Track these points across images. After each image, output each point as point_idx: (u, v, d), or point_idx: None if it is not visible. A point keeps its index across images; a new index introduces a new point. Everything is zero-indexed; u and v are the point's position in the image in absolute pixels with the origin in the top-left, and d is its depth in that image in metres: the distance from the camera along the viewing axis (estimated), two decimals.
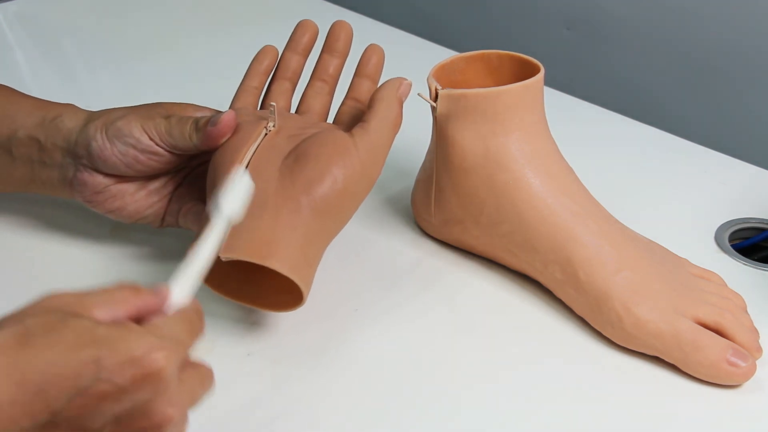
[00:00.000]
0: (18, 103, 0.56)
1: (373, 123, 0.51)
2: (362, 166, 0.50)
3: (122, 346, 0.34)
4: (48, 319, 0.34)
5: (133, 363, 0.33)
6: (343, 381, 0.50)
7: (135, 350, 0.34)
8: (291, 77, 0.59)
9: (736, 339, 0.50)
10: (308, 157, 0.49)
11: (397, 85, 0.53)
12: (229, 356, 0.51)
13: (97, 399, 0.33)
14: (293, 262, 0.47)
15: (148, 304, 0.37)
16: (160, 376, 0.34)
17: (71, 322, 0.34)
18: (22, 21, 0.96)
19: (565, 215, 0.53)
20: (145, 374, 0.34)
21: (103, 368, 0.33)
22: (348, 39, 0.59)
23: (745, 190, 0.68)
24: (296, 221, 0.48)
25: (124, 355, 0.33)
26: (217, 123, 0.51)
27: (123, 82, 0.84)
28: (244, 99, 0.57)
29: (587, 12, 1.03)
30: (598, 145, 0.74)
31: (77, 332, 0.33)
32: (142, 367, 0.34)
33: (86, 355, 0.33)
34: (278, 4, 1.01)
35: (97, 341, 0.33)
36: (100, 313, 0.35)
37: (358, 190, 0.51)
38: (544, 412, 0.48)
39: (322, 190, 0.48)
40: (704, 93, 0.97)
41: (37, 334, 0.33)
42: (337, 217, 0.50)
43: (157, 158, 0.53)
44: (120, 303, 0.36)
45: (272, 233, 0.47)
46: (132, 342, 0.34)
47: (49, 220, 0.61)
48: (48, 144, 0.53)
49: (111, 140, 0.52)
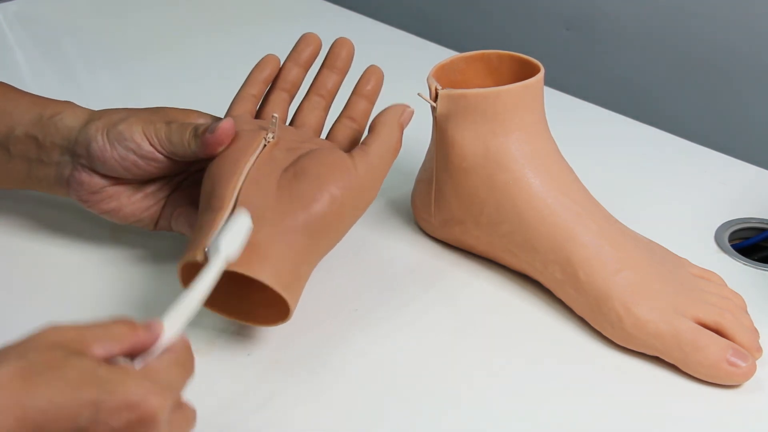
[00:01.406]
0: (15, 99, 0.55)
1: (373, 146, 0.52)
2: (360, 187, 0.50)
3: (121, 389, 0.35)
4: (51, 355, 0.35)
5: (129, 407, 0.35)
6: (343, 381, 0.50)
7: (132, 395, 0.35)
8: (290, 89, 0.59)
9: (736, 339, 0.50)
10: (308, 174, 0.50)
11: (400, 111, 0.54)
12: (229, 356, 0.51)
13: None
14: (285, 278, 0.47)
15: (141, 340, 0.38)
16: (154, 421, 0.35)
17: (73, 361, 0.35)
18: (22, 21, 0.96)
19: (565, 215, 0.53)
20: (141, 417, 0.35)
21: (102, 410, 0.34)
22: (349, 57, 0.59)
23: (745, 190, 0.68)
24: (292, 238, 0.48)
25: (122, 398, 0.35)
26: (215, 131, 0.50)
27: (123, 82, 0.84)
28: (242, 106, 0.56)
29: (587, 12, 1.03)
30: (598, 145, 0.74)
31: (79, 372, 0.35)
32: (138, 411, 0.35)
33: (86, 396, 0.34)
34: (278, 4, 1.01)
35: (97, 383, 0.35)
36: (98, 349, 0.37)
37: (354, 211, 0.51)
38: (544, 411, 0.48)
39: (319, 209, 0.49)
40: (704, 93, 0.97)
41: (40, 371, 0.34)
42: (331, 235, 0.50)
43: (156, 164, 0.53)
44: (117, 339, 0.37)
45: (267, 248, 0.47)
46: (130, 386, 0.35)
47: (46, 221, 0.61)
48: (46, 142, 0.53)
49: (112, 143, 0.52)
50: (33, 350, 0.35)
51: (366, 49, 0.68)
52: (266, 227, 0.47)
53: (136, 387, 0.35)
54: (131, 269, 0.57)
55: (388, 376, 0.50)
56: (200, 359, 0.50)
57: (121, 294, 0.55)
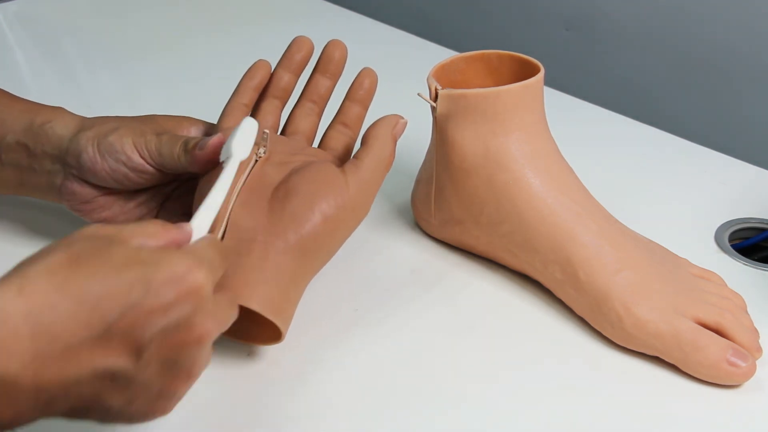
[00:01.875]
0: (8, 106, 0.55)
1: (366, 161, 0.51)
2: (352, 204, 0.50)
3: (165, 265, 0.37)
4: (96, 243, 0.37)
5: (176, 280, 0.36)
6: (343, 381, 0.50)
7: (177, 269, 0.37)
8: (281, 96, 0.58)
9: (736, 339, 0.50)
10: (298, 193, 0.49)
11: (393, 123, 0.53)
12: (229, 357, 0.51)
13: (146, 313, 0.36)
14: (276, 303, 0.47)
15: (174, 238, 0.40)
16: (200, 293, 0.37)
17: (117, 247, 0.37)
18: (22, 21, 0.96)
19: (565, 215, 0.53)
20: (188, 290, 0.37)
21: (150, 285, 0.36)
22: (342, 60, 0.59)
23: (745, 190, 0.68)
24: (283, 261, 0.48)
25: (168, 273, 0.36)
26: (204, 147, 0.50)
27: (123, 82, 0.84)
28: (233, 116, 0.55)
29: (586, 12, 1.03)
30: (598, 145, 0.74)
31: (124, 255, 0.36)
32: (185, 283, 0.37)
33: (134, 274, 0.36)
34: (278, 4, 1.01)
35: (143, 262, 0.36)
36: (136, 243, 0.38)
37: (347, 228, 0.51)
38: (544, 412, 0.48)
39: (311, 229, 0.48)
40: (704, 93, 0.97)
41: (87, 256, 0.36)
42: (322, 254, 0.50)
43: (146, 176, 0.52)
44: (152, 235, 0.39)
45: (258, 274, 0.47)
46: (174, 262, 0.37)
47: (42, 227, 0.60)
48: (37, 150, 0.53)
49: (102, 155, 0.51)
50: (77, 241, 0.37)
51: (366, 49, 0.68)
52: (257, 250, 0.47)
53: (179, 261, 0.37)
54: None
55: (388, 377, 0.50)
56: None
57: None
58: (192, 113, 0.58)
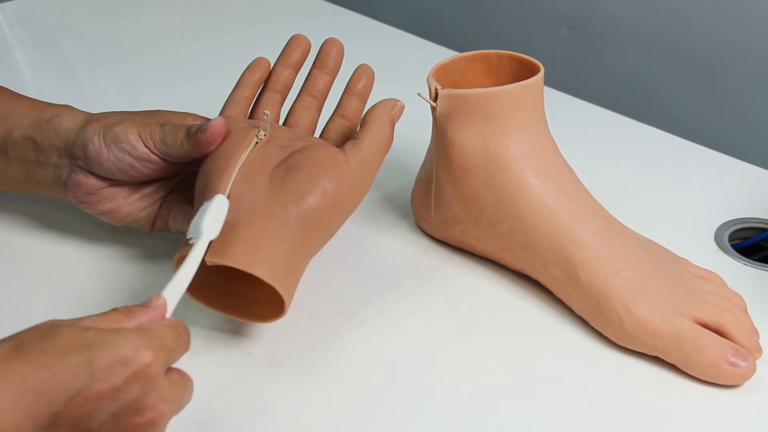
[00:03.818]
0: (14, 103, 0.56)
1: (365, 141, 0.52)
2: (353, 181, 0.51)
3: (110, 346, 0.36)
4: (39, 331, 0.36)
5: (123, 362, 0.36)
6: (342, 381, 0.50)
7: (123, 350, 0.36)
8: (281, 90, 0.59)
9: (736, 339, 0.50)
10: (300, 169, 0.50)
11: (390, 106, 0.54)
12: (229, 356, 0.51)
13: (93, 399, 0.35)
14: (278, 271, 0.47)
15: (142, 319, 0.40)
16: (148, 373, 0.36)
17: (61, 330, 0.36)
18: (22, 21, 0.96)
19: (565, 215, 0.53)
20: (136, 372, 0.36)
21: (96, 369, 0.35)
22: (339, 57, 0.60)
23: (745, 190, 0.68)
24: (284, 231, 0.48)
25: (114, 355, 0.36)
26: (206, 130, 0.51)
27: (123, 82, 0.84)
28: (234, 108, 0.57)
29: (587, 12, 1.03)
30: (598, 145, 0.74)
31: (69, 339, 0.36)
32: (132, 365, 0.36)
33: (79, 358, 0.35)
34: (278, 4, 1.01)
35: (88, 345, 0.35)
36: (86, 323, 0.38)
37: (347, 205, 0.51)
38: (543, 411, 0.48)
39: (312, 202, 0.49)
40: (704, 93, 0.97)
41: (31, 344, 0.35)
42: (324, 229, 0.51)
43: (151, 166, 0.53)
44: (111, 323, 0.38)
45: (260, 241, 0.47)
46: (120, 342, 0.36)
47: (44, 221, 0.61)
48: (44, 144, 0.54)
49: (108, 145, 0.52)
50: (26, 332, 0.36)
51: (366, 49, 0.68)
52: (258, 221, 0.48)
53: (126, 342, 0.36)
54: (129, 268, 0.57)
55: (387, 375, 0.50)
56: (200, 358, 0.50)
57: (118, 292, 0.55)
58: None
